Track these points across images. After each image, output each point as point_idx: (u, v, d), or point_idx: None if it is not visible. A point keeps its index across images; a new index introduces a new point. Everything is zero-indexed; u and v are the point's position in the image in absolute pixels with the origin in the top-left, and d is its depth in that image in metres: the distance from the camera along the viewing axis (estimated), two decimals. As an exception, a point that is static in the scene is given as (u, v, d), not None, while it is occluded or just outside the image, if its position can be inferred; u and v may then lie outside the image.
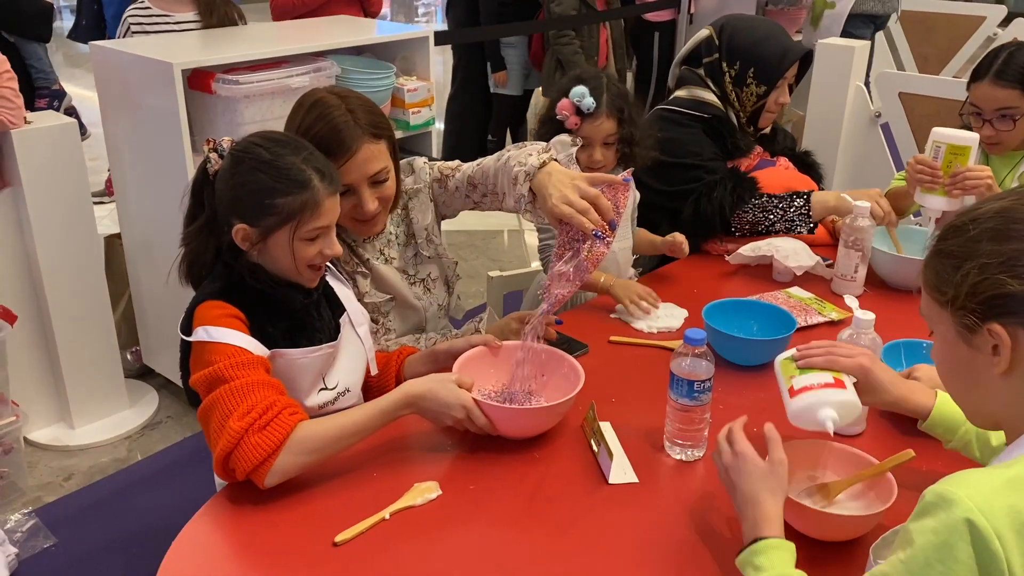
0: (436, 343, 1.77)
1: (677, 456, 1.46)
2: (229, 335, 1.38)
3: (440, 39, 3.54)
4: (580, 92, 2.02)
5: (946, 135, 2.06)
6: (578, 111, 2.04)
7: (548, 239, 2.09)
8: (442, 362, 1.61)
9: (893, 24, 5.38)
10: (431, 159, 1.90)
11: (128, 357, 3.17)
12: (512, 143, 1.85)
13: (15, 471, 2.60)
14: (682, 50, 2.51)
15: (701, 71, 2.42)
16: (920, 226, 2.32)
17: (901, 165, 2.87)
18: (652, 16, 4.98)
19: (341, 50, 2.94)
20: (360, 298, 1.72)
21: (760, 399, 1.59)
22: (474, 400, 1.43)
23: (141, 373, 3.21)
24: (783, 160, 2.49)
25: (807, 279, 2.11)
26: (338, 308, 1.59)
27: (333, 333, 1.56)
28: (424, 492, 1.35)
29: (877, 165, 3.47)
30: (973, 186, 2.01)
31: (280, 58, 2.77)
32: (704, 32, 2.43)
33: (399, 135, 2.95)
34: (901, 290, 2.07)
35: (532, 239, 2.30)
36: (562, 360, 1.59)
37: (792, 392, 1.30)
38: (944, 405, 1.33)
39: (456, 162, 1.86)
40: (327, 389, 1.54)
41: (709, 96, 2.38)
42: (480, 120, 5.17)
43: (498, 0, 4.72)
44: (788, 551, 1.12)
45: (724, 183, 2.27)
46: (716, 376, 1.43)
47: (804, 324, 1.88)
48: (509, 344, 1.61)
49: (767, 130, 2.49)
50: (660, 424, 1.49)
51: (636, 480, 1.41)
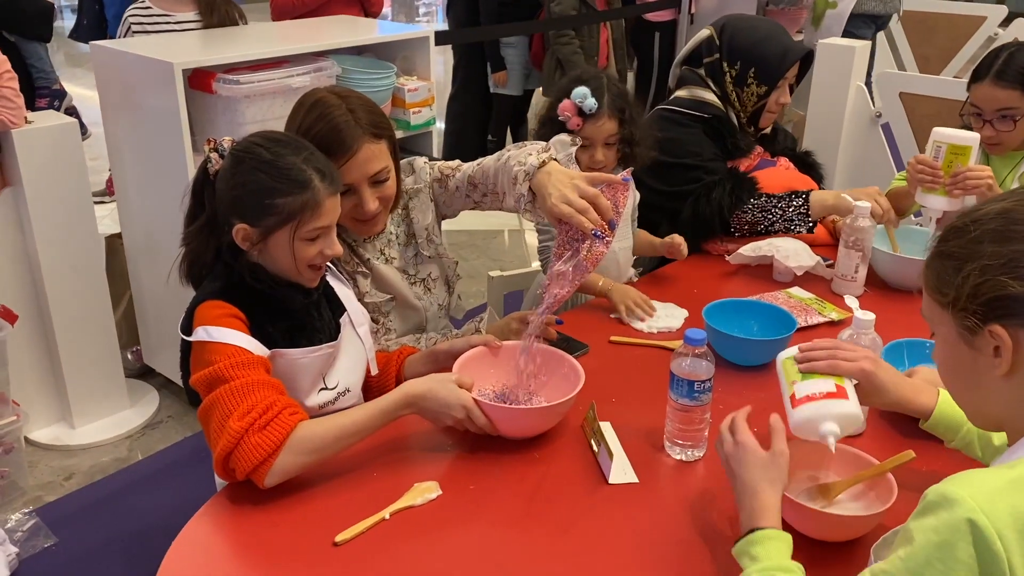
0: (436, 343, 1.77)
1: (677, 456, 1.46)
2: (229, 335, 1.38)
3: (440, 39, 3.54)
4: (582, 93, 2.02)
5: (947, 135, 2.06)
6: (580, 112, 2.04)
7: (548, 239, 2.09)
8: (442, 362, 1.61)
9: (894, 24, 5.38)
10: (431, 159, 1.90)
11: (129, 357, 3.17)
12: (512, 143, 1.84)
13: (16, 471, 2.60)
14: (683, 50, 2.51)
15: (702, 71, 2.42)
16: (921, 226, 2.32)
17: (902, 165, 2.87)
18: (652, 16, 4.97)
19: (342, 50, 2.94)
20: (360, 298, 1.72)
21: (760, 399, 1.58)
22: (474, 400, 1.43)
23: (142, 373, 3.21)
24: (784, 160, 2.49)
25: (807, 279, 2.11)
26: (338, 308, 1.59)
27: (333, 333, 1.56)
28: (424, 492, 1.35)
29: (878, 165, 3.47)
30: (974, 186, 2.01)
31: (281, 58, 2.77)
32: (705, 32, 2.43)
33: (399, 135, 2.95)
34: (901, 290, 2.07)
35: (532, 239, 2.30)
36: (562, 360, 1.59)
37: (794, 401, 1.29)
38: (946, 404, 1.33)
39: (456, 162, 1.86)
40: (327, 389, 1.54)
41: (710, 96, 2.38)
42: (480, 120, 5.17)
43: (498, 0, 4.72)
44: (785, 542, 1.12)
45: (723, 184, 2.27)
46: (716, 376, 1.44)
47: (804, 324, 1.88)
48: (509, 344, 1.61)
49: (768, 130, 2.48)
50: (660, 424, 1.49)
51: (636, 480, 1.41)
